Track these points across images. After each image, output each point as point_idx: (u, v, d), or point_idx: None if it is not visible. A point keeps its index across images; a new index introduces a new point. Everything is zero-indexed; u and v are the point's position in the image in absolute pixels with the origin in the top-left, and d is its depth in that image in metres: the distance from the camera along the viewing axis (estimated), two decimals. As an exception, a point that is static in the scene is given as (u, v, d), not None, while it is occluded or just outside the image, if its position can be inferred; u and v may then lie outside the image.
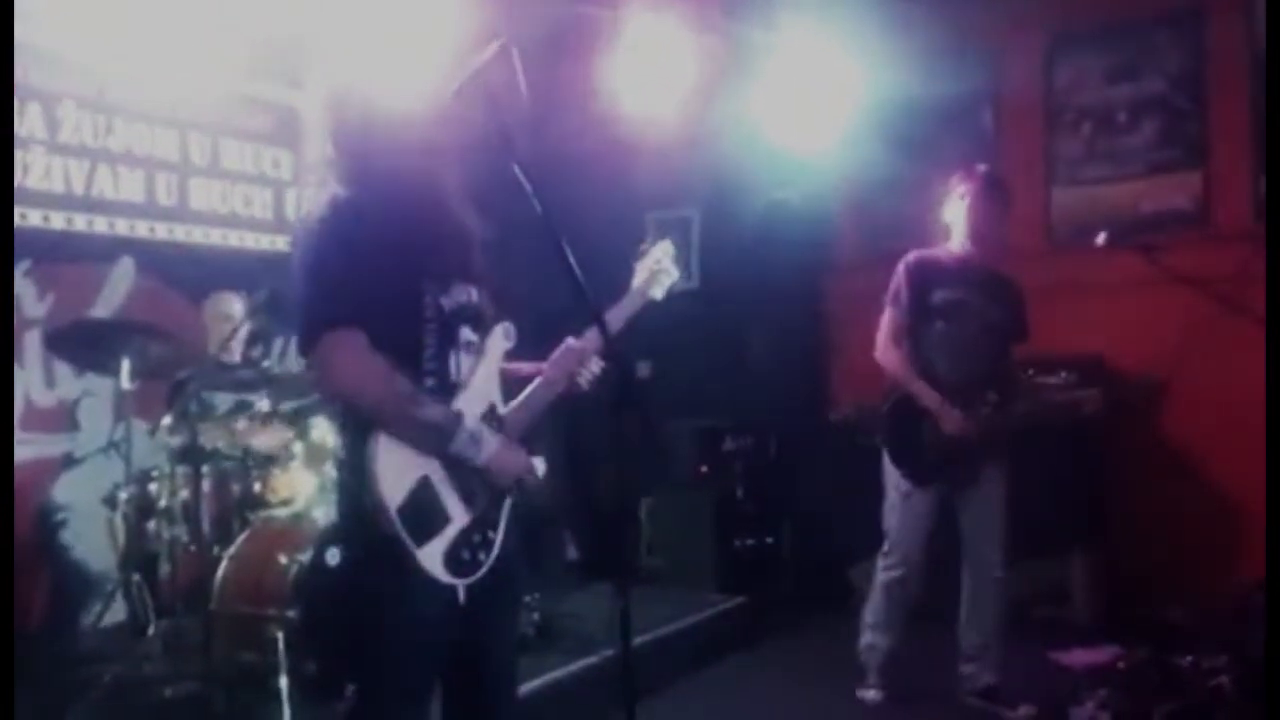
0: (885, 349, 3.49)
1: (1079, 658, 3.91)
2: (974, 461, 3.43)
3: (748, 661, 4.24)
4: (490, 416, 1.93)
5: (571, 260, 1.81)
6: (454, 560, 1.82)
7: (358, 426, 1.81)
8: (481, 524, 1.88)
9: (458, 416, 1.83)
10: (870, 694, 3.64)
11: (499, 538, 1.92)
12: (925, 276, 3.46)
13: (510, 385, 2.02)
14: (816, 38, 4.52)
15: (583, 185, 4.72)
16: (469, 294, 1.94)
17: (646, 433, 1.83)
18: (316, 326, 1.77)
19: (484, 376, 1.94)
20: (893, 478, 3.53)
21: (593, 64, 4.54)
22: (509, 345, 1.99)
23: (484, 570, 1.87)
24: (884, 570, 3.59)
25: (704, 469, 4.93)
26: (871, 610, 3.66)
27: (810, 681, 3.93)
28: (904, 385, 3.45)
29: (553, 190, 1.84)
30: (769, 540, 4.98)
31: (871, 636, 3.66)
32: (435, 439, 1.80)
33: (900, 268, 3.51)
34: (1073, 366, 3.86)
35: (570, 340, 2.06)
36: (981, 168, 3.62)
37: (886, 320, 3.50)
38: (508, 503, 1.95)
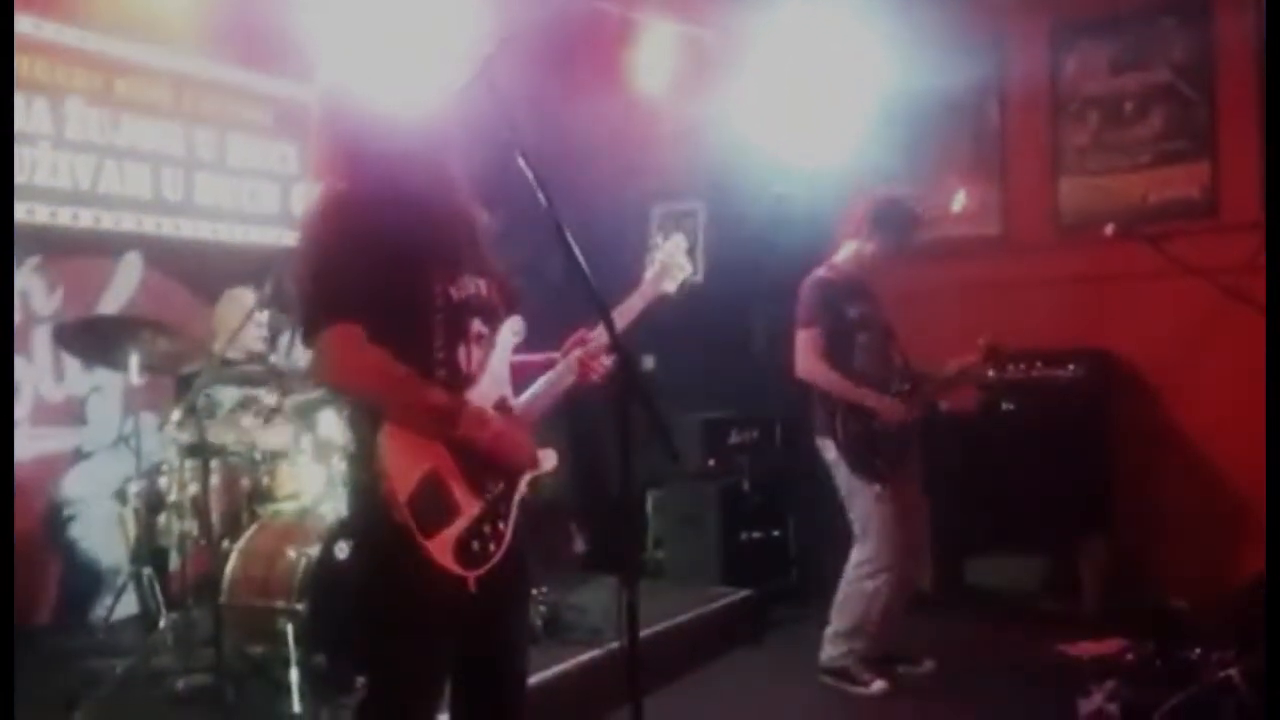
0: (814, 366, 3.64)
1: (1086, 649, 3.91)
2: (907, 446, 3.69)
3: (754, 655, 4.24)
4: (501, 408, 1.92)
5: (577, 253, 1.80)
6: (464, 551, 1.81)
7: (367, 418, 1.81)
8: (492, 515, 1.87)
9: (461, 398, 1.83)
10: (877, 685, 3.64)
11: (509, 529, 1.91)
12: (837, 296, 3.68)
13: (521, 380, 2.02)
14: (821, 31, 4.51)
15: (589, 179, 4.72)
16: (477, 286, 1.93)
17: (654, 426, 1.82)
18: (315, 322, 1.77)
19: (494, 369, 1.93)
20: (857, 486, 3.63)
21: (598, 58, 4.54)
22: (518, 339, 1.99)
23: (494, 561, 1.86)
24: (870, 577, 3.62)
25: (710, 462, 4.93)
26: (848, 620, 3.67)
27: (817, 675, 3.94)
28: (842, 396, 3.61)
29: (559, 183, 1.83)
30: (775, 533, 4.98)
31: (849, 644, 3.68)
32: (441, 421, 1.79)
33: (814, 291, 3.68)
34: (1079, 358, 3.86)
35: (583, 331, 2.05)
36: (895, 197, 3.78)
37: (809, 339, 3.65)
38: (519, 495, 1.94)
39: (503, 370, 1.96)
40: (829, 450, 3.68)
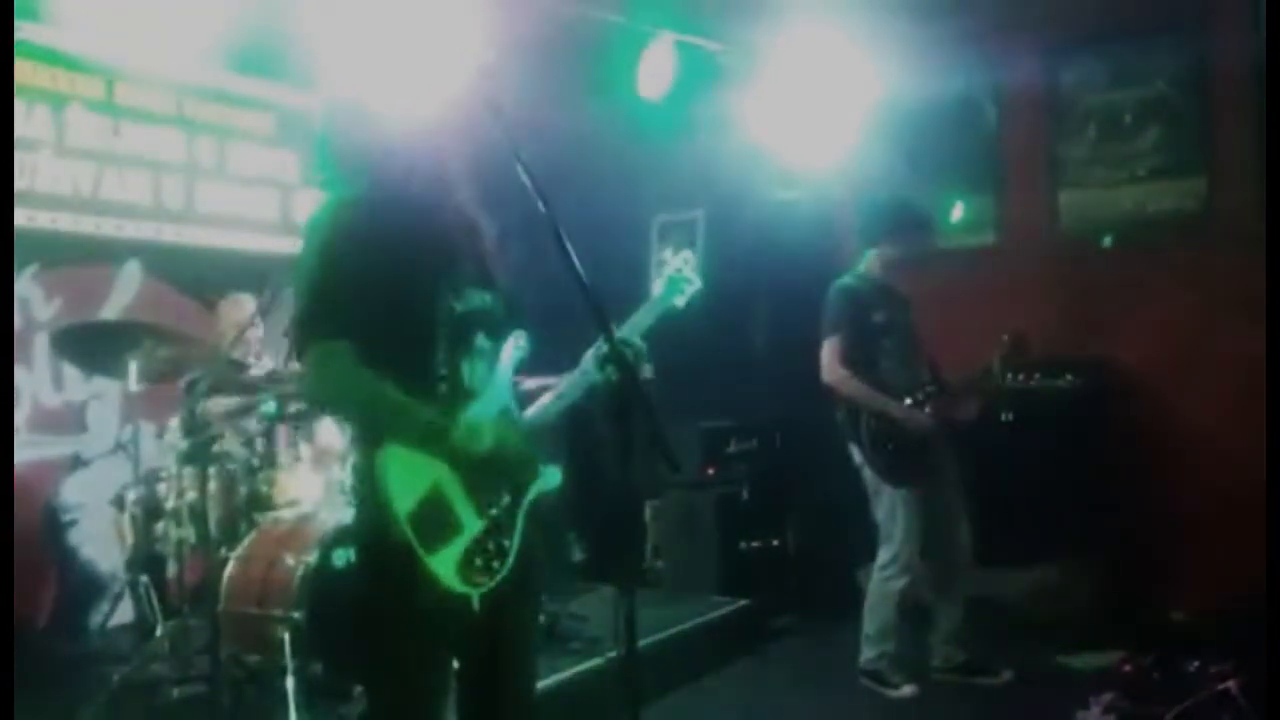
0: (836, 372, 3.69)
1: (1085, 661, 3.91)
2: (934, 452, 3.70)
3: (753, 664, 4.23)
4: (504, 421, 1.90)
5: (576, 263, 1.79)
6: (466, 568, 1.79)
7: (369, 434, 1.80)
8: (496, 532, 1.85)
9: (451, 413, 1.80)
10: (907, 689, 3.68)
11: (514, 546, 1.88)
12: (862, 302, 3.74)
13: (524, 395, 2.01)
14: (821, 41, 4.52)
15: (589, 188, 4.72)
16: (482, 299, 1.91)
17: (653, 435, 1.81)
18: (304, 338, 1.76)
19: (498, 383, 1.91)
20: (882, 488, 3.67)
21: (598, 67, 4.55)
22: (523, 354, 1.97)
23: (499, 579, 1.84)
24: (891, 579, 3.67)
25: (709, 471, 4.93)
26: (877, 622, 3.72)
27: (816, 684, 3.93)
28: (864, 403, 3.65)
29: (558, 193, 1.83)
30: (774, 542, 4.96)
31: (881, 647, 3.73)
32: (432, 438, 1.77)
33: (837, 299, 3.74)
34: (1078, 368, 3.87)
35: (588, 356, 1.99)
36: (904, 200, 3.89)
37: (833, 346, 3.71)
38: (524, 510, 1.91)
39: (506, 384, 1.94)
40: (855, 454, 3.72)
